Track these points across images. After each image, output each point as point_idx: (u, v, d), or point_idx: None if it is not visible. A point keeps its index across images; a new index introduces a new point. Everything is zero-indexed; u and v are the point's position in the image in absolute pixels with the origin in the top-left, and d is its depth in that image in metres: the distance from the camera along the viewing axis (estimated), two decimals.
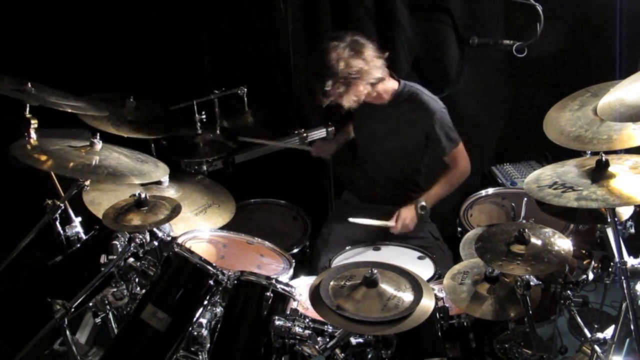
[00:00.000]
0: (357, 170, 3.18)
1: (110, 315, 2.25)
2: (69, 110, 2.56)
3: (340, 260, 2.67)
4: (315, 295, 1.92)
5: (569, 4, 3.30)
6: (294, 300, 2.11)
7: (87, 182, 2.39)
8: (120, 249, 2.16)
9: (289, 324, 2.00)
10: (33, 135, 2.44)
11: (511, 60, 3.36)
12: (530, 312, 1.97)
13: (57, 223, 2.47)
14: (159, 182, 2.56)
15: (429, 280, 2.44)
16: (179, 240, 2.25)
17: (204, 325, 2.04)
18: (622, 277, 1.92)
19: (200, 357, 2.08)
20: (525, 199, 2.40)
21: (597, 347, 2.11)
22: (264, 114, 3.35)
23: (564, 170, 2.01)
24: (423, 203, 2.80)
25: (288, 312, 2.06)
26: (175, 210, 2.23)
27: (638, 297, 2.03)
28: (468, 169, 2.91)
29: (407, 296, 1.91)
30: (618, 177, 1.89)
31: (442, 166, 2.91)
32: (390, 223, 2.79)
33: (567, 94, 2.27)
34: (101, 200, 2.45)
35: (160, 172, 2.45)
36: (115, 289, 2.17)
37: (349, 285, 1.94)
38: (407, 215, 2.79)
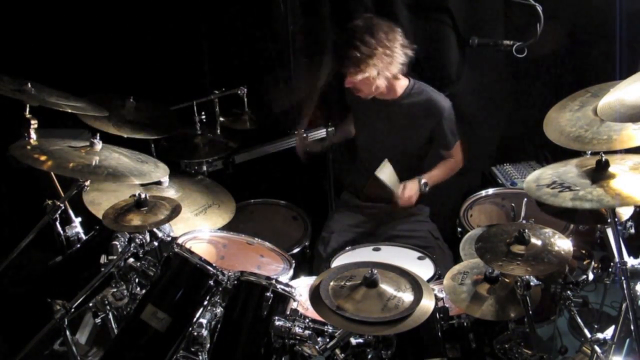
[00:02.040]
0: (356, 169, 3.18)
1: (110, 316, 2.25)
2: (69, 111, 2.56)
3: (340, 260, 2.66)
4: (315, 296, 1.92)
5: (569, 4, 3.29)
6: (294, 300, 2.11)
7: (87, 183, 2.38)
8: (120, 249, 2.16)
9: (289, 324, 2.00)
10: (33, 135, 2.44)
11: (511, 61, 3.35)
12: (530, 312, 1.97)
13: (57, 223, 2.46)
14: (159, 183, 2.56)
15: (429, 281, 2.44)
16: (179, 241, 2.25)
17: (204, 325, 2.04)
18: (622, 277, 1.92)
19: (200, 357, 2.07)
20: (525, 199, 2.40)
21: (597, 348, 2.11)
22: (264, 114, 3.35)
23: (565, 170, 2.01)
24: (425, 180, 2.90)
25: (288, 313, 2.06)
26: (175, 211, 2.23)
27: (638, 298, 2.03)
28: (462, 161, 3.08)
29: (407, 296, 1.90)
30: (618, 177, 1.89)
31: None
32: (399, 192, 2.86)
33: (567, 94, 2.27)
34: (101, 201, 2.45)
35: (160, 172, 2.45)
36: (115, 289, 2.17)
37: (349, 285, 1.94)
38: (412, 188, 2.88)
